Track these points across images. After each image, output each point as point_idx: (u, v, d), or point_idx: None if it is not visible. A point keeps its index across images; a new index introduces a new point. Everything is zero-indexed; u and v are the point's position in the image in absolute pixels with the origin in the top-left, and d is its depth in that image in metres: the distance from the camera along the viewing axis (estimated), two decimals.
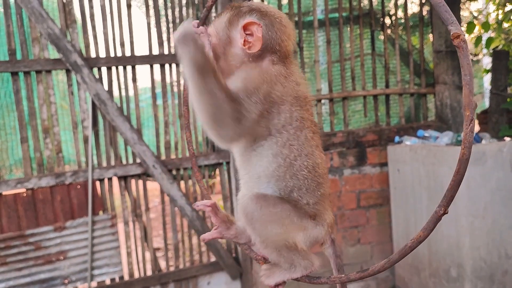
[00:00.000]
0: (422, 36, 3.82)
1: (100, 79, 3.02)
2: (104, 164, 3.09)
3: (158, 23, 3.19)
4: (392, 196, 3.47)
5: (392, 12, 3.88)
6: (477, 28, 3.99)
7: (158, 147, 3.21)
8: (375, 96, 3.70)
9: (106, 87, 3.05)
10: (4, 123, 3.00)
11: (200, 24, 1.06)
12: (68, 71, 2.95)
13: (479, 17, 4.52)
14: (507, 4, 4.12)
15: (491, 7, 4.60)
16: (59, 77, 3.20)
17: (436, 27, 3.70)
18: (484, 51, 4.18)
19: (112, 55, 3.06)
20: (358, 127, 3.79)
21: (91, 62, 2.96)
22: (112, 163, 3.10)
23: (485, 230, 2.74)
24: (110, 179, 3.09)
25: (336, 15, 3.65)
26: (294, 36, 1.07)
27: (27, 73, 2.85)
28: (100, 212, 3.06)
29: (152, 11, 3.20)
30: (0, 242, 2.79)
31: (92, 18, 3.01)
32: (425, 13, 3.87)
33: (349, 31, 3.67)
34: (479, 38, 3.50)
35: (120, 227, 3.78)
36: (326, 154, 3.33)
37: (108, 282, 3.08)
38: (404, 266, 3.36)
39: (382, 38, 3.84)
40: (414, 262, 3.22)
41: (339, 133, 3.48)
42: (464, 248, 2.74)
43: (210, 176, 3.41)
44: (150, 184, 3.26)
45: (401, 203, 3.35)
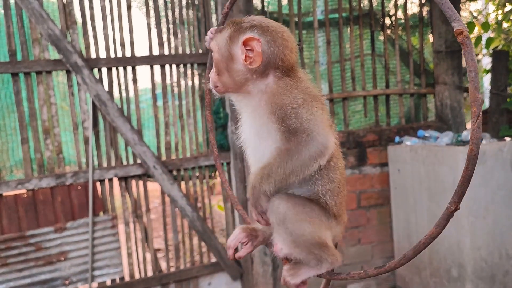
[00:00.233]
0: (422, 37, 3.83)
1: (101, 80, 3.02)
2: (105, 165, 3.09)
3: (158, 23, 3.19)
4: (393, 196, 3.47)
5: (392, 12, 3.89)
6: (476, 28, 3.99)
7: (158, 148, 3.21)
8: (375, 97, 3.70)
9: (107, 88, 3.05)
10: (4, 124, 3.00)
11: (218, 31, 1.06)
12: (68, 72, 2.96)
13: (479, 17, 4.53)
14: (506, 4, 4.12)
15: (491, 7, 4.61)
16: (59, 78, 3.20)
17: (436, 28, 3.71)
18: (484, 51, 4.19)
19: (112, 55, 3.06)
20: (358, 127, 3.79)
21: (91, 63, 2.96)
22: (113, 164, 3.10)
23: (485, 230, 2.74)
24: (110, 180, 3.09)
25: (336, 15, 3.66)
26: (296, 49, 1.07)
27: (27, 74, 2.85)
28: (101, 213, 3.06)
29: (152, 12, 3.20)
30: (1, 243, 2.79)
31: (93, 19, 3.01)
32: (425, 13, 3.87)
33: (349, 31, 3.68)
34: (479, 38, 3.50)
35: (121, 228, 3.78)
36: None
37: (108, 283, 3.08)
38: (404, 266, 3.35)
39: (382, 38, 3.84)
40: (414, 262, 3.22)
41: (339, 133, 3.47)
42: (465, 248, 2.75)
43: (211, 177, 3.41)
44: (150, 185, 3.26)
45: (401, 203, 3.35)
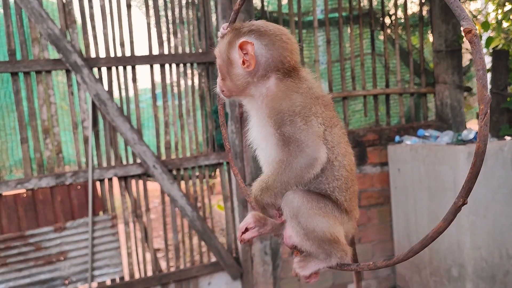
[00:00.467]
0: (422, 36, 3.82)
1: (100, 79, 3.02)
2: (104, 164, 3.08)
3: (158, 23, 3.18)
4: (393, 196, 3.47)
5: (392, 11, 3.88)
6: (476, 27, 3.98)
7: (158, 147, 3.20)
8: (375, 96, 3.70)
9: (106, 87, 3.04)
10: (4, 124, 3.00)
11: (230, 27, 1.10)
12: (68, 72, 2.95)
13: (478, 17, 4.52)
14: (506, 4, 4.12)
15: (490, 7, 4.60)
16: (58, 77, 3.20)
17: (436, 27, 3.71)
18: (484, 50, 4.18)
19: (112, 55, 3.05)
20: (358, 126, 3.79)
21: (91, 62, 2.95)
22: (112, 163, 3.09)
23: (486, 230, 2.74)
24: (110, 180, 3.08)
25: (336, 15, 3.65)
26: (297, 49, 1.07)
27: (27, 73, 2.84)
28: (101, 213, 3.06)
29: (152, 11, 3.19)
30: (0, 243, 2.79)
31: (92, 18, 3.00)
32: (425, 12, 3.87)
33: (349, 31, 3.68)
34: (479, 37, 3.49)
35: (121, 227, 3.78)
36: None
37: (108, 282, 3.08)
38: (404, 265, 3.36)
39: (382, 37, 3.84)
40: (415, 261, 3.22)
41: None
42: (465, 248, 2.74)
43: (211, 176, 3.41)
44: (150, 185, 3.25)
45: (401, 203, 3.35)
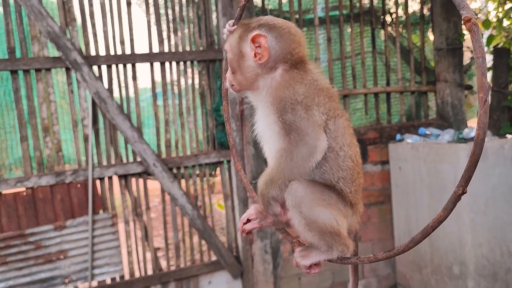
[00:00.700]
0: (422, 34, 3.82)
1: (100, 77, 3.01)
2: (104, 162, 3.07)
3: (158, 21, 3.17)
4: (394, 194, 3.46)
5: (393, 10, 3.88)
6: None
7: (158, 146, 3.19)
8: (376, 94, 3.69)
9: (106, 85, 3.03)
10: (3, 122, 2.98)
11: (235, 24, 1.16)
12: (67, 70, 2.94)
13: (479, 15, 4.51)
14: (507, 2, 4.11)
15: (491, 6, 4.59)
16: (58, 75, 3.18)
17: (437, 25, 3.70)
18: (485, 49, 4.17)
19: (112, 53, 3.04)
20: (359, 125, 3.78)
21: (91, 60, 2.94)
22: (113, 161, 3.08)
23: (487, 227, 2.74)
24: (110, 178, 3.07)
25: (337, 13, 3.64)
26: (305, 42, 1.12)
27: (26, 71, 2.83)
28: (101, 211, 3.05)
29: (152, 9, 3.18)
30: (0, 242, 2.78)
31: (92, 16, 2.99)
32: (425, 11, 3.86)
33: (349, 29, 3.67)
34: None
35: (121, 226, 3.77)
36: None
37: (108, 281, 3.07)
38: (405, 263, 3.35)
39: (382, 36, 3.83)
40: (415, 259, 3.21)
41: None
42: (466, 246, 2.74)
43: (211, 175, 3.40)
44: (149, 184, 3.24)
45: (402, 201, 3.34)
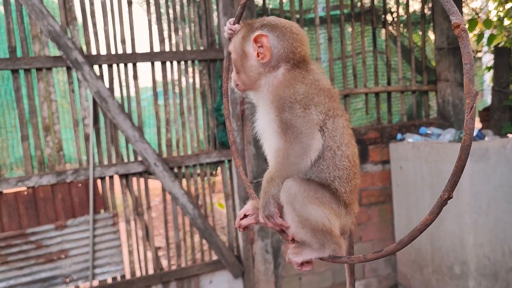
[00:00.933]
0: (423, 33, 3.81)
1: (101, 77, 3.00)
2: (105, 162, 3.07)
3: (159, 20, 3.17)
4: (394, 194, 3.46)
5: (394, 9, 3.87)
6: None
7: (159, 145, 3.19)
8: (377, 94, 3.69)
9: (107, 84, 3.03)
10: (4, 121, 2.98)
11: (236, 22, 1.17)
12: (68, 69, 2.93)
13: (480, 14, 4.51)
14: (508, 1, 4.11)
15: (491, 5, 4.59)
16: (59, 75, 3.18)
17: (438, 24, 3.69)
18: (485, 48, 4.17)
19: (113, 52, 3.04)
20: (360, 125, 3.78)
21: (92, 60, 2.94)
22: (113, 161, 3.08)
23: (488, 227, 2.73)
24: (111, 177, 3.07)
25: (338, 12, 3.64)
26: (307, 41, 1.14)
27: (27, 70, 2.83)
28: (102, 211, 3.04)
29: (153, 8, 3.17)
30: (1, 241, 2.78)
31: (93, 15, 2.99)
32: (426, 10, 3.85)
33: (350, 28, 3.66)
34: (481, 35, 3.49)
35: (122, 225, 3.77)
36: None
37: (109, 281, 3.07)
38: (406, 263, 3.35)
39: (383, 35, 3.83)
40: (416, 259, 3.21)
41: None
42: (468, 245, 2.74)
43: (212, 174, 3.40)
44: (150, 183, 3.24)
45: (403, 200, 3.34)
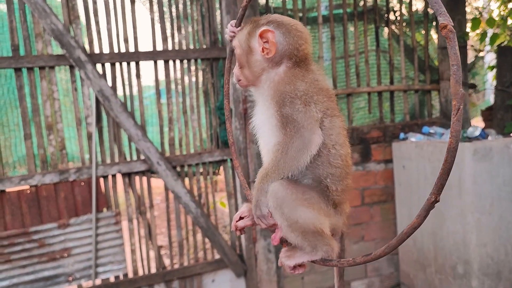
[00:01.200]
0: (426, 33, 3.80)
1: (104, 75, 3.00)
2: (108, 161, 3.07)
3: (162, 18, 3.16)
4: (397, 193, 3.46)
5: (397, 8, 3.86)
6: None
7: (162, 144, 3.18)
8: (380, 93, 3.68)
9: (110, 83, 3.03)
10: (7, 120, 2.98)
11: (237, 24, 1.19)
12: (71, 67, 2.93)
13: (482, 13, 4.50)
14: (510, 1, 4.10)
15: (494, 4, 4.58)
16: (62, 73, 3.17)
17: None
18: (487, 47, 4.16)
19: (116, 51, 3.03)
20: (362, 123, 3.77)
21: (94, 58, 2.94)
22: (116, 160, 3.08)
23: (491, 227, 2.73)
24: (114, 176, 3.07)
25: (341, 11, 3.63)
26: (310, 39, 1.15)
27: (30, 69, 2.82)
28: (104, 209, 3.04)
29: (156, 7, 3.17)
30: (4, 239, 2.78)
31: (96, 14, 2.98)
32: (429, 9, 3.84)
33: (353, 27, 3.66)
34: (484, 34, 3.48)
35: (124, 224, 3.77)
36: None
37: (112, 279, 3.07)
38: (409, 262, 3.35)
39: (386, 34, 3.82)
40: (419, 258, 3.21)
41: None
42: (471, 245, 2.73)
43: (215, 173, 3.39)
44: (152, 182, 3.23)
45: (405, 200, 3.34)
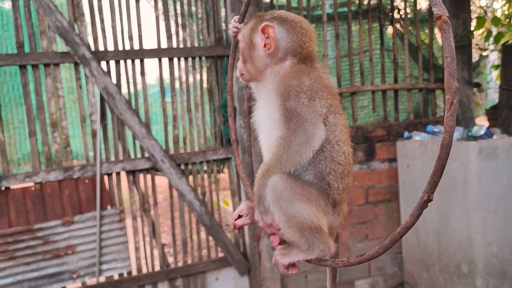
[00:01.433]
0: (431, 31, 3.80)
1: (108, 73, 2.99)
2: (112, 158, 3.07)
3: (166, 16, 3.16)
4: (401, 192, 3.45)
5: (401, 6, 3.85)
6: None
7: (166, 142, 3.18)
8: (384, 91, 3.68)
9: (114, 80, 3.02)
10: (12, 117, 2.98)
11: (240, 20, 1.18)
12: (76, 65, 2.93)
13: (487, 12, 4.48)
14: None
15: (496, 4, 4.57)
16: (67, 71, 3.17)
17: None
18: (491, 47, 4.15)
19: (120, 48, 3.03)
20: (367, 122, 3.77)
21: (99, 56, 2.93)
22: (120, 157, 3.08)
23: (497, 226, 2.73)
24: (118, 174, 3.07)
25: (345, 9, 3.63)
26: (315, 37, 1.14)
27: (35, 66, 2.82)
28: (108, 207, 3.04)
29: (160, 4, 3.17)
30: (9, 236, 2.78)
31: (101, 11, 2.98)
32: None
33: (358, 25, 3.65)
34: (489, 33, 3.47)
35: (128, 222, 3.77)
36: None
37: (116, 277, 3.07)
38: (412, 262, 3.35)
39: (391, 33, 3.81)
40: (423, 258, 3.21)
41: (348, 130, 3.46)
42: (475, 244, 2.73)
43: (219, 171, 3.39)
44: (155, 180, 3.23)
45: (410, 199, 3.33)
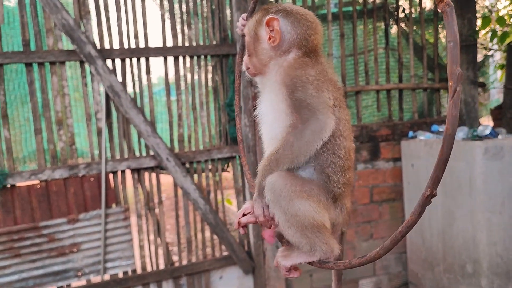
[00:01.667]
0: (436, 31, 3.79)
1: (114, 71, 3.00)
2: (118, 156, 3.07)
3: (172, 14, 3.16)
4: (406, 191, 3.45)
5: (406, 6, 3.85)
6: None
7: (171, 140, 3.19)
8: (388, 91, 3.67)
9: (120, 79, 3.03)
10: (18, 115, 2.99)
11: (248, 17, 1.17)
12: (82, 63, 2.93)
13: (492, 12, 4.47)
14: None
15: (500, 4, 4.55)
16: (72, 69, 3.18)
17: None
18: (495, 46, 4.14)
19: (126, 46, 3.03)
20: (371, 121, 3.77)
21: (105, 54, 2.94)
22: (126, 155, 3.08)
23: (502, 226, 2.72)
24: (123, 172, 3.07)
25: (350, 8, 3.62)
26: (321, 30, 1.13)
27: (41, 64, 2.83)
28: (113, 205, 3.05)
29: (166, 3, 3.17)
30: (14, 234, 2.79)
31: (106, 9, 2.98)
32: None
33: (362, 25, 3.64)
34: (495, 33, 3.46)
35: (133, 220, 3.78)
36: None
37: (121, 275, 3.08)
38: (417, 261, 3.35)
39: (395, 32, 3.81)
40: (427, 257, 3.21)
41: (352, 127, 3.46)
42: (480, 244, 2.73)
43: (224, 170, 3.39)
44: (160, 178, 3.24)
45: (414, 198, 3.33)
